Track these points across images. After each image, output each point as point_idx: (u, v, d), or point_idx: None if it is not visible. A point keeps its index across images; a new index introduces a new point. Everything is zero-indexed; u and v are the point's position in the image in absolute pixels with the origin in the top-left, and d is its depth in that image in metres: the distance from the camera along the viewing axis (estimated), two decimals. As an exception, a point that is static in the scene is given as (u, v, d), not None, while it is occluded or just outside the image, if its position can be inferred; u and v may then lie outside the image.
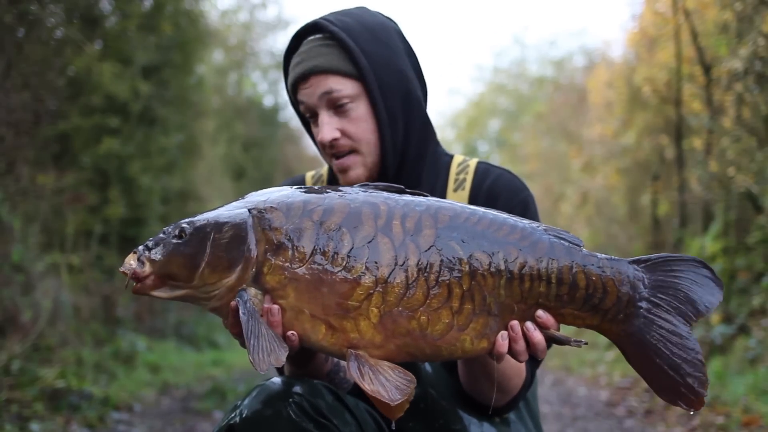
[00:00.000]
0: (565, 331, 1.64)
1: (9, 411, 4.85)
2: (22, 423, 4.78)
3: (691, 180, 10.06)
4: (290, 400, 1.69)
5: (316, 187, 1.61)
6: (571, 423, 6.21)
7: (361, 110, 1.95)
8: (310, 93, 1.95)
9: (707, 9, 9.28)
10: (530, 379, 1.93)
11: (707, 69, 9.02)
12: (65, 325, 7.19)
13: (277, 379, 1.77)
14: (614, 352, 9.54)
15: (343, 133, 1.94)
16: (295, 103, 2.05)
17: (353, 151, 1.96)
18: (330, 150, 1.96)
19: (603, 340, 9.71)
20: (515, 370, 1.84)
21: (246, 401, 1.72)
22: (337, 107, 1.94)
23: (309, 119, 2.01)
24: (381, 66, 1.95)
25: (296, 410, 1.68)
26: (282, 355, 1.46)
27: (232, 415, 1.71)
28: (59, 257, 8.18)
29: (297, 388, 1.73)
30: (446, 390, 1.93)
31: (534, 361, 1.93)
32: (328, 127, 1.94)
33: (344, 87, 1.93)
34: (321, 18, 2.00)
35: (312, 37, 1.99)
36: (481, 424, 1.92)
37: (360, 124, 1.95)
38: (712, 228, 8.58)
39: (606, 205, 15.35)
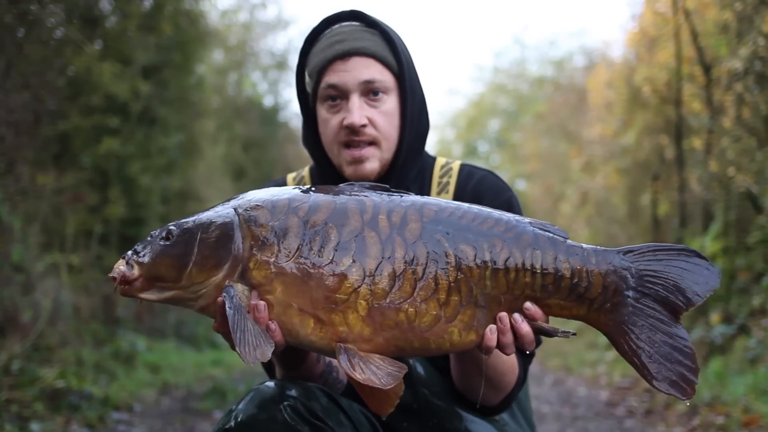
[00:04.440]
0: (554, 322, 1.65)
1: (9, 411, 4.85)
2: (22, 423, 4.78)
3: (691, 180, 10.05)
4: (285, 403, 1.70)
5: (302, 187, 1.62)
6: (571, 423, 6.20)
7: (391, 104, 1.92)
8: (348, 74, 1.88)
9: (707, 9, 9.27)
10: (523, 376, 1.94)
11: (707, 69, 9.01)
12: (65, 325, 7.19)
13: (271, 383, 1.77)
14: (614, 352, 9.52)
15: (371, 122, 1.90)
16: (313, 85, 1.94)
17: (373, 143, 1.92)
18: (350, 137, 1.90)
19: (603, 340, 9.68)
20: (508, 366, 1.85)
21: (241, 405, 1.72)
22: (372, 96, 1.90)
23: (329, 100, 1.92)
24: (410, 66, 1.95)
25: (291, 413, 1.68)
26: (268, 351, 1.45)
27: (227, 419, 1.71)
28: (59, 257, 8.18)
29: (291, 391, 1.73)
30: (439, 389, 1.93)
31: (526, 358, 1.93)
32: (360, 111, 1.88)
33: (384, 78, 1.90)
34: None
35: (349, 23, 1.94)
36: (474, 422, 1.92)
37: (389, 118, 1.92)
38: (712, 228, 8.57)
39: (606, 205, 15.34)
